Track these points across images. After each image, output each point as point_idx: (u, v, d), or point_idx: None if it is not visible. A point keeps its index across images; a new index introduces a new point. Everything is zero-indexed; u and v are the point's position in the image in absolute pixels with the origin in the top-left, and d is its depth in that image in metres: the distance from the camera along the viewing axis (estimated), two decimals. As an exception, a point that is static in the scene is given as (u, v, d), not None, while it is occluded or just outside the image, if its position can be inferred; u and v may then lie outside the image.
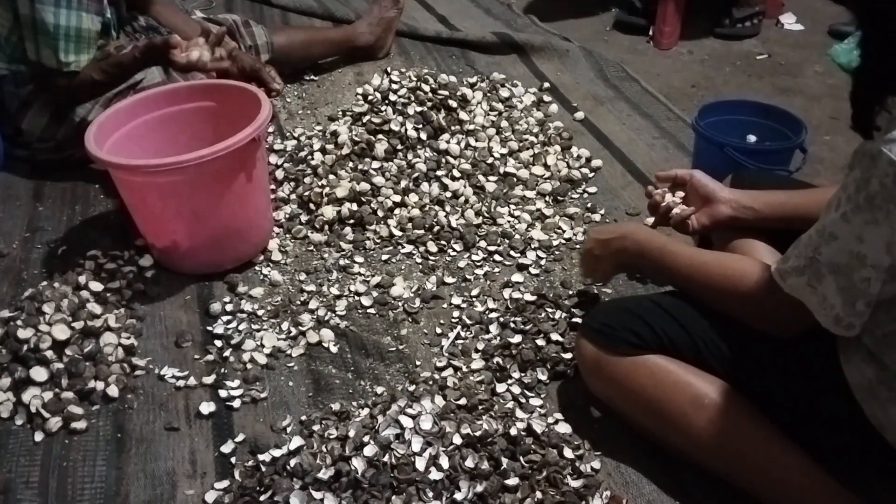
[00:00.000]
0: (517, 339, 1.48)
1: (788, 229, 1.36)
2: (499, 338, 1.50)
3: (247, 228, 1.68)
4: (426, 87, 2.00)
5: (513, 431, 1.24)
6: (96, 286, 1.59)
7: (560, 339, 1.47)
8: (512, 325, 1.51)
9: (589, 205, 1.90)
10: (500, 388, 1.40)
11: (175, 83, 1.80)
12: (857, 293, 1.00)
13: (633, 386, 1.24)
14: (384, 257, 1.75)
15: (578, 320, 1.51)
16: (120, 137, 1.67)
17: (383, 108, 1.97)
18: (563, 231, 1.81)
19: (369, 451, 1.18)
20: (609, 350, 1.27)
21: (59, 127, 1.97)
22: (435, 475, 1.15)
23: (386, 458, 1.17)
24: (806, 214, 1.38)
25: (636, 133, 2.21)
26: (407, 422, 1.23)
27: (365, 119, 1.96)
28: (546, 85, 2.43)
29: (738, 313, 1.18)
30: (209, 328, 1.56)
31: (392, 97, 1.98)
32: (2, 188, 1.99)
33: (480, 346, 1.49)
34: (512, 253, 1.75)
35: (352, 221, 1.82)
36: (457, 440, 1.21)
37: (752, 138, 1.91)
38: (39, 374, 1.40)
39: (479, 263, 1.73)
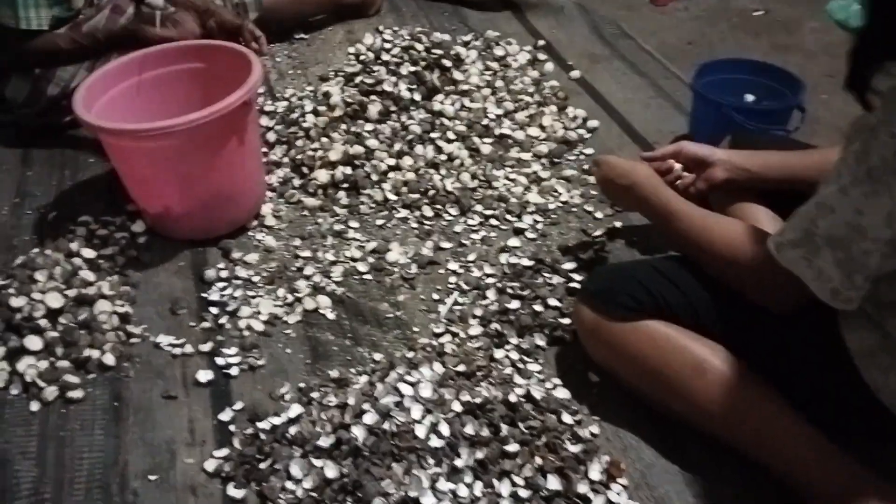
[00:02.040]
0: (515, 304, 1.47)
1: (786, 190, 1.36)
2: (496, 303, 1.49)
3: (239, 193, 1.66)
4: (419, 47, 1.97)
5: (512, 398, 1.24)
6: (89, 253, 1.57)
7: (558, 304, 1.46)
8: (509, 290, 1.51)
9: (585, 166, 1.88)
10: (499, 353, 1.40)
11: (163, 45, 1.75)
12: (856, 266, 0.99)
13: (632, 351, 1.24)
14: (379, 222, 1.73)
15: (576, 285, 1.50)
16: (108, 100, 1.63)
17: (376, 69, 1.93)
18: (560, 194, 1.79)
19: (369, 418, 1.18)
20: (607, 315, 1.26)
21: (44, 92, 1.93)
22: (435, 442, 1.15)
23: (386, 426, 1.17)
24: (803, 174, 1.37)
25: (632, 92, 2.18)
26: (406, 389, 1.23)
27: (357, 80, 1.92)
28: (541, 43, 2.38)
29: (735, 283, 1.17)
30: (204, 295, 1.55)
31: (385, 56, 1.94)
32: (-11, 153, 1.96)
33: (478, 311, 1.49)
34: (508, 217, 1.73)
35: (346, 185, 1.79)
36: (456, 407, 1.21)
37: (749, 98, 1.89)
38: (34, 342, 1.39)
39: (475, 228, 1.71)
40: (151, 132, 1.45)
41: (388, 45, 1.96)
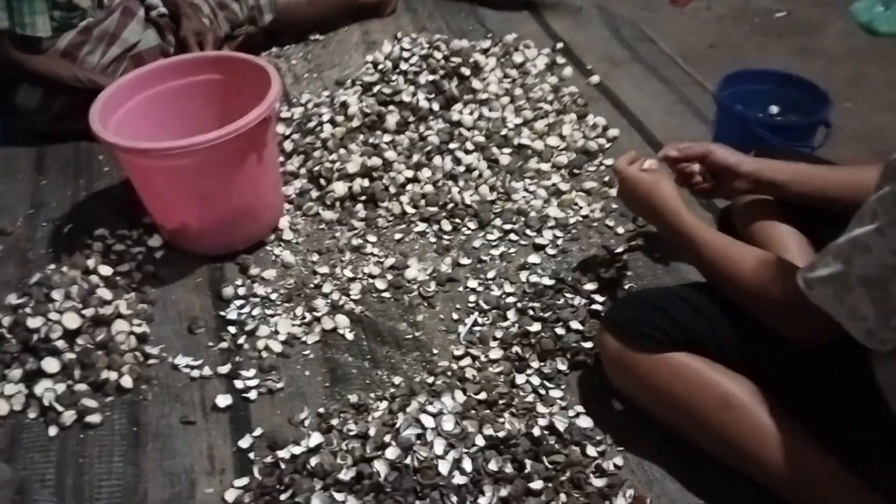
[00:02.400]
0: (536, 327, 1.45)
1: (813, 206, 1.32)
2: (517, 325, 1.47)
3: (258, 209, 1.64)
4: (438, 55, 1.93)
5: (535, 431, 1.22)
6: (105, 270, 1.56)
7: (580, 327, 1.44)
8: (530, 311, 1.49)
9: (606, 178, 1.85)
10: (520, 378, 1.38)
11: (180, 56, 1.73)
12: (892, 307, 0.96)
13: (658, 384, 1.22)
14: (397, 236, 1.71)
15: (598, 307, 1.48)
16: (125, 113, 1.61)
17: (394, 78, 1.90)
18: (580, 207, 1.77)
19: (391, 453, 1.16)
20: (633, 346, 1.24)
21: (55, 99, 1.91)
22: (458, 479, 1.14)
23: (408, 461, 1.16)
24: (831, 190, 1.33)
25: (653, 99, 2.14)
26: (428, 421, 1.21)
27: (375, 89, 1.89)
28: (559, 45, 2.35)
29: (762, 317, 1.14)
30: (222, 313, 1.53)
31: (403, 66, 1.91)
32: (2, 161, 1.94)
33: (498, 333, 1.47)
34: (528, 232, 1.71)
35: (363, 198, 1.77)
36: (479, 441, 1.19)
37: (774, 109, 1.85)
38: (51, 365, 1.38)
39: (494, 243, 1.69)
40: (170, 151, 1.43)
41: (406, 54, 1.93)
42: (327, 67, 2.30)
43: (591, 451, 1.24)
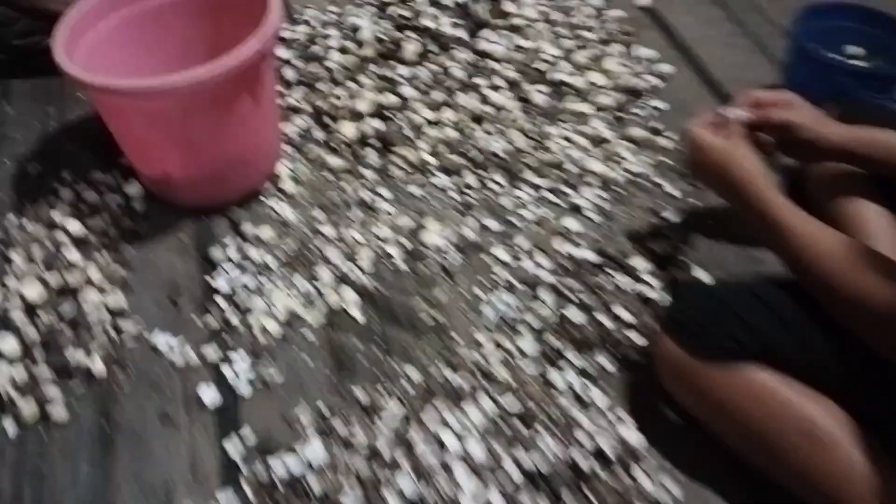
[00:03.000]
0: (575, 312, 1.24)
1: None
2: (552, 310, 1.26)
3: (253, 157, 1.40)
4: (466, -29, 1.65)
5: (575, 454, 1.03)
6: (74, 226, 1.34)
7: (629, 317, 1.23)
8: (568, 292, 1.27)
9: (656, 124, 1.60)
10: (555, 377, 1.18)
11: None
12: None
13: (727, 403, 1.01)
14: (413, 190, 1.47)
15: (650, 292, 1.27)
16: (98, 38, 1.35)
17: (414, -2, 1.63)
18: (625, 160, 1.52)
19: (407, 486, 0.97)
20: (698, 355, 1.03)
21: (24, 11, 1.64)
22: (485, 518, 0.96)
23: (426, 493, 0.97)
24: None
25: (710, 27, 1.87)
26: (450, 440, 1.02)
27: (392, 10, 1.62)
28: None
29: (860, 330, 0.93)
30: (209, 280, 1.32)
31: (425, -17, 1.63)
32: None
33: (529, 318, 1.26)
34: (564, 189, 1.47)
35: (375, 142, 1.53)
36: (513, 472, 1.00)
37: (854, 50, 1.58)
38: (9, 344, 1.18)
39: (525, 203, 1.46)
40: (147, 91, 1.19)
41: (429, -32, 1.64)
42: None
43: (639, 473, 1.05)
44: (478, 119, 1.55)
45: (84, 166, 1.47)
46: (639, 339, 1.22)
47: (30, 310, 1.21)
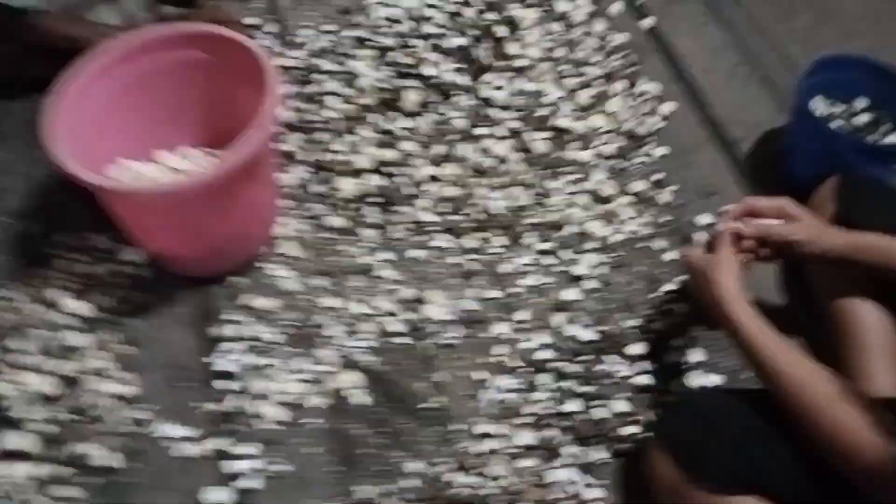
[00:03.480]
0: (574, 405, 1.28)
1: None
2: (550, 396, 1.29)
3: (254, 231, 1.39)
4: (469, 12, 1.59)
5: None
6: (77, 305, 1.33)
7: (625, 408, 1.27)
8: (567, 379, 1.30)
9: (656, 176, 1.59)
10: (554, 473, 1.22)
11: (152, 30, 1.38)
12: None
13: (720, 530, 1.07)
14: (414, 254, 1.47)
15: (645, 379, 1.30)
16: (91, 113, 1.30)
17: (415, 43, 1.57)
18: (625, 221, 1.53)
19: None
20: (691, 480, 1.07)
21: (10, 41, 1.58)
22: None
23: None
24: None
25: (714, 55, 1.82)
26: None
27: (392, 57, 1.57)
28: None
29: (843, 469, 0.97)
30: (211, 361, 1.33)
31: (427, 28, 1.57)
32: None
33: (529, 408, 1.29)
34: (564, 255, 1.48)
35: (375, 200, 1.51)
36: None
37: (861, 103, 1.57)
38: (14, 442, 1.19)
39: (526, 268, 1.46)
40: (152, 193, 1.17)
41: (429, 13, 1.58)
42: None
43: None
44: (480, 172, 1.54)
45: (79, 223, 1.44)
46: (634, 430, 1.26)
47: (43, 403, 1.22)
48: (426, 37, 1.58)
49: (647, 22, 1.87)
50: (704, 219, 1.54)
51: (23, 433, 1.20)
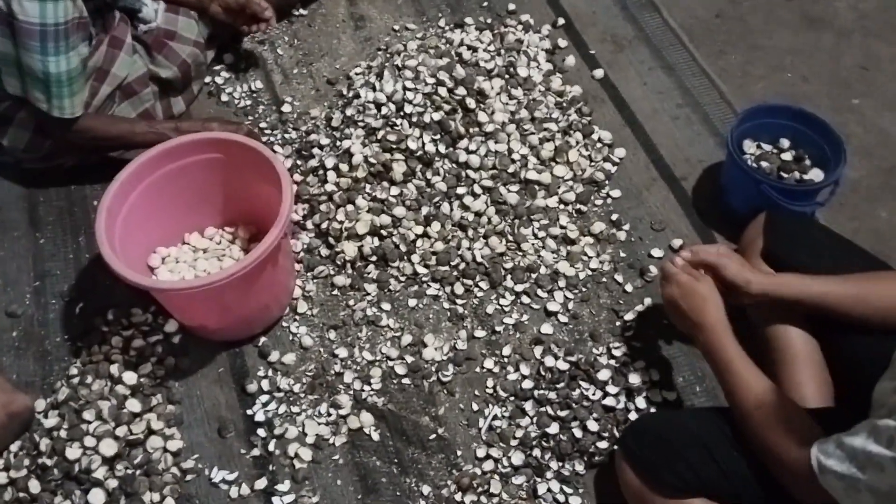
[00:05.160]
0: (554, 428, 1.53)
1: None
2: (535, 422, 1.55)
3: (276, 302, 1.66)
4: (443, 91, 1.83)
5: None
6: (130, 378, 1.57)
7: (596, 427, 1.53)
8: (548, 407, 1.55)
9: (613, 216, 1.84)
10: (541, 488, 1.48)
11: (175, 140, 1.62)
12: None
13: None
14: (411, 303, 1.73)
15: (612, 401, 1.55)
16: (128, 214, 1.55)
17: (398, 122, 1.82)
18: (589, 259, 1.78)
19: None
20: (652, 487, 1.32)
21: (46, 139, 1.81)
22: None
23: None
24: (843, 308, 1.38)
25: (659, 99, 2.07)
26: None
27: (380, 135, 1.81)
28: (561, 21, 2.22)
29: (777, 475, 1.22)
30: (249, 412, 1.58)
31: (408, 108, 1.81)
32: (-5, 211, 1.87)
33: (518, 433, 1.54)
34: (539, 293, 1.73)
35: (374, 258, 1.76)
36: None
37: (785, 143, 1.82)
38: (98, 497, 1.45)
39: (507, 308, 1.72)
40: (190, 288, 1.42)
41: (410, 94, 1.82)
42: (316, 57, 2.17)
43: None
44: (461, 227, 1.78)
45: (123, 303, 1.69)
46: (604, 445, 1.51)
47: (107, 461, 1.47)
48: (408, 115, 1.82)
49: (598, 73, 2.12)
50: (657, 252, 1.79)
51: (96, 490, 1.45)
